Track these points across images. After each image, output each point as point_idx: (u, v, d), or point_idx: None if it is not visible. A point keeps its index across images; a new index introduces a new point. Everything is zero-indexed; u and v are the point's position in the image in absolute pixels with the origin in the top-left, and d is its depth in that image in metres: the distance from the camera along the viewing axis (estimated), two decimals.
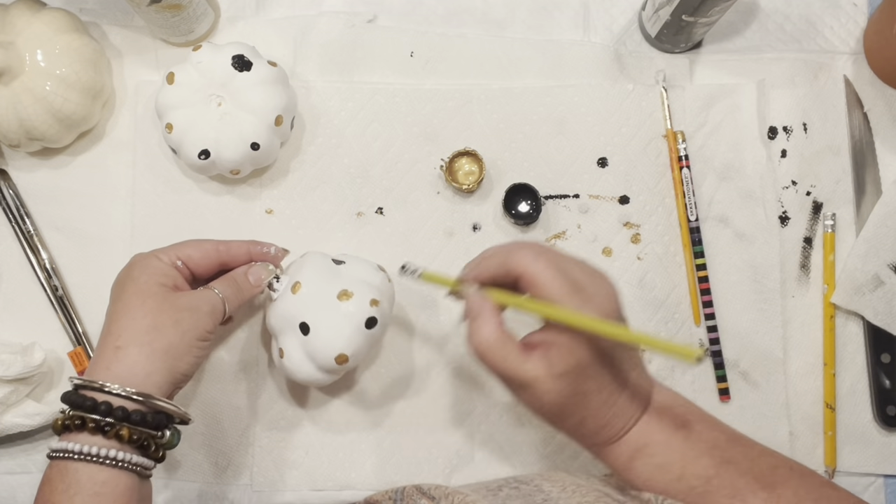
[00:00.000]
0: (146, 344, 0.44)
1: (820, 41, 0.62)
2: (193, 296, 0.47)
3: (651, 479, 0.44)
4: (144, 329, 0.44)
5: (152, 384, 0.44)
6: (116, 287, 0.47)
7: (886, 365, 0.57)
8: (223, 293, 0.48)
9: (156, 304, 0.45)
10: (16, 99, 0.54)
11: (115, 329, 0.44)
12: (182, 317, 0.45)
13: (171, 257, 0.48)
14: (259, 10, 0.62)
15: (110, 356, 0.44)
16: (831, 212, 0.60)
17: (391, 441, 0.57)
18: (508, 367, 0.42)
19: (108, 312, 0.47)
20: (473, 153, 0.58)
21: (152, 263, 0.47)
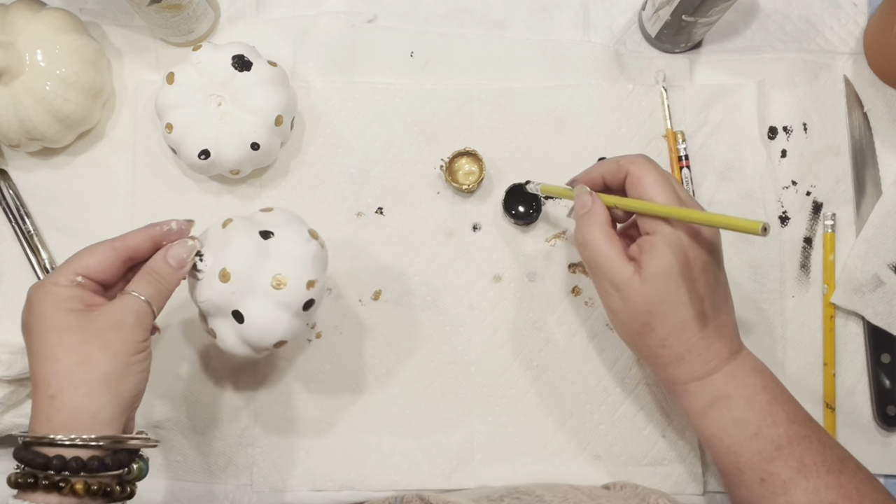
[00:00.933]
0: (80, 383, 0.39)
1: (820, 41, 0.62)
2: (112, 309, 0.42)
3: (724, 431, 0.45)
4: (72, 367, 0.40)
5: (101, 422, 0.40)
6: (25, 331, 0.42)
7: (886, 365, 0.57)
8: (144, 293, 0.43)
9: (75, 337, 0.40)
10: (16, 99, 0.54)
11: (43, 377, 0.40)
12: (108, 338, 0.41)
13: (69, 276, 0.42)
14: (259, 10, 0.62)
15: (47, 408, 0.39)
16: (831, 212, 0.60)
17: (391, 441, 0.57)
18: (608, 263, 0.45)
19: (28, 358, 0.42)
20: (473, 153, 0.58)
21: (51, 292, 0.41)
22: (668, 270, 0.44)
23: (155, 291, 0.43)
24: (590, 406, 0.58)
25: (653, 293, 0.44)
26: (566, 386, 0.58)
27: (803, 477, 0.43)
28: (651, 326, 0.45)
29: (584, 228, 0.46)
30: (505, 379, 0.58)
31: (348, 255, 0.59)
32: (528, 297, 0.59)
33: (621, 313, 0.46)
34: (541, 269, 0.59)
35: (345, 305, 0.58)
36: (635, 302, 0.45)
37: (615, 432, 0.57)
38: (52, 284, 0.42)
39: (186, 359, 0.58)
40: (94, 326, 0.41)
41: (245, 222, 0.46)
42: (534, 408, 0.58)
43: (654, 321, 0.45)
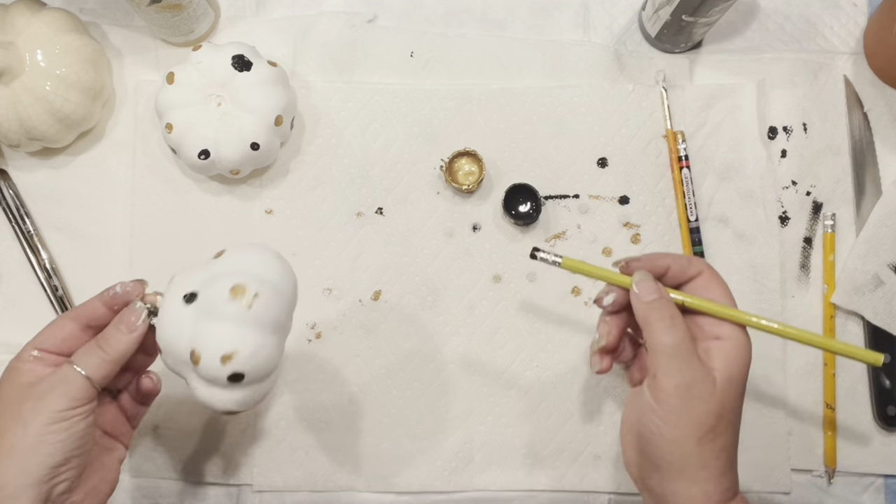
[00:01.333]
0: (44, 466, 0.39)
1: (820, 41, 0.62)
2: (42, 382, 0.41)
3: None
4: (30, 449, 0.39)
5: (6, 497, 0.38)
6: None
7: (886, 365, 0.57)
8: (81, 363, 0.42)
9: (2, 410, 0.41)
10: (16, 99, 0.54)
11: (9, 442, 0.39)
12: (23, 409, 0.40)
13: (28, 351, 0.43)
14: (259, 10, 0.62)
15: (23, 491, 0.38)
16: (831, 212, 0.60)
17: (391, 442, 0.57)
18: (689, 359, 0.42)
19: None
20: (473, 153, 0.58)
21: (12, 367, 0.42)
22: (741, 379, 0.42)
23: (98, 361, 0.42)
24: (590, 407, 0.58)
25: (726, 398, 0.41)
26: (566, 386, 0.58)
27: None
28: (716, 432, 0.41)
29: (664, 317, 0.42)
30: (505, 379, 0.58)
31: (348, 255, 0.59)
32: (528, 297, 0.59)
33: (688, 412, 0.41)
34: (541, 270, 0.59)
35: (345, 305, 0.58)
36: (708, 404, 0.41)
37: (615, 433, 0.57)
38: (15, 360, 0.43)
39: None
40: (18, 400, 0.41)
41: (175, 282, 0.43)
42: (533, 408, 0.58)
43: (719, 427, 0.41)
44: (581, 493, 0.57)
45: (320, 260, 0.59)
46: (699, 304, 0.44)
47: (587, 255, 0.59)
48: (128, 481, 0.58)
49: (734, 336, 0.42)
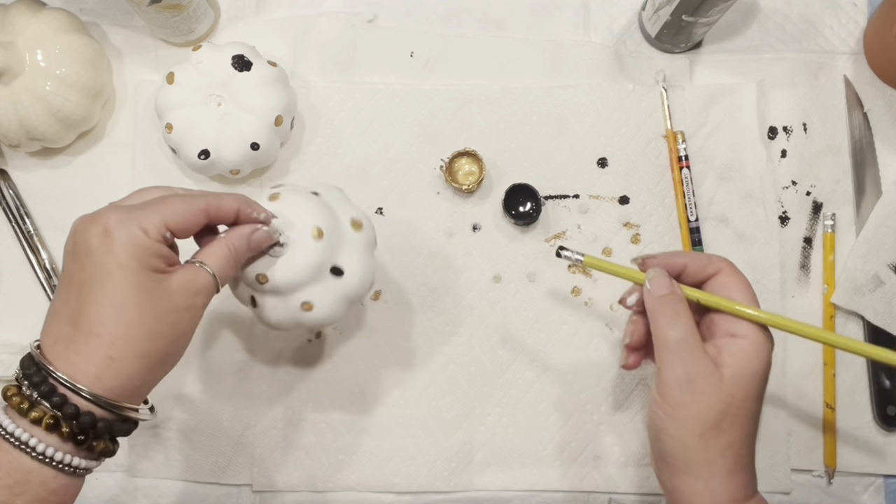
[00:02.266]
0: (143, 356, 0.37)
1: (820, 41, 0.62)
2: (187, 284, 0.39)
3: None
4: (141, 337, 0.37)
5: (139, 396, 0.38)
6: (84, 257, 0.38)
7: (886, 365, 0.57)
8: (216, 268, 0.40)
9: (150, 304, 0.37)
10: (16, 99, 0.54)
11: (105, 329, 0.36)
12: (179, 318, 0.39)
13: (160, 229, 0.38)
14: (259, 10, 0.62)
15: (101, 365, 0.36)
16: (831, 212, 0.60)
17: (390, 442, 0.57)
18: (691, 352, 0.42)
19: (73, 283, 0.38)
20: (473, 153, 0.58)
21: (140, 242, 0.37)
22: (753, 377, 0.42)
23: (226, 268, 0.41)
24: (590, 406, 0.58)
25: (733, 394, 0.41)
26: (566, 386, 0.58)
27: None
28: (721, 428, 0.41)
29: (668, 312, 0.43)
30: (505, 379, 0.58)
31: None
32: (528, 297, 0.59)
33: (689, 406, 0.42)
34: (541, 269, 0.59)
35: None
36: (711, 398, 0.41)
37: (615, 432, 0.57)
38: (141, 232, 0.37)
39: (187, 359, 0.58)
40: (170, 301, 0.38)
41: (292, 188, 0.46)
42: (533, 408, 0.58)
43: (725, 423, 0.41)
44: (581, 493, 0.57)
45: None
46: (714, 300, 0.44)
47: None
48: (128, 481, 0.58)
49: (750, 334, 0.42)
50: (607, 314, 0.59)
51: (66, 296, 0.38)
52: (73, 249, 0.38)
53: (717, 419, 0.41)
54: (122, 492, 0.58)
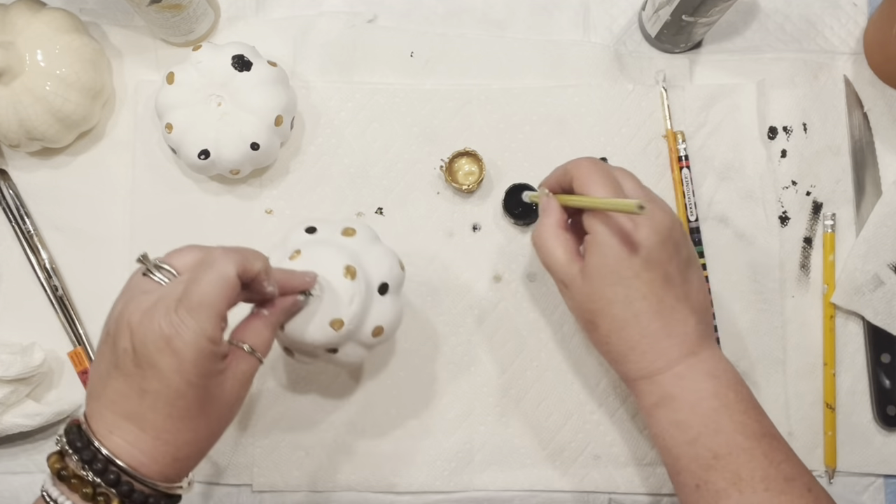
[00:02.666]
0: (203, 451, 0.40)
1: (820, 41, 0.62)
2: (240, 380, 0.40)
3: (666, 432, 0.45)
4: (205, 440, 0.40)
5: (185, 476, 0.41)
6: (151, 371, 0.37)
7: (886, 365, 0.57)
8: (262, 349, 0.42)
9: (212, 410, 0.39)
10: (16, 99, 0.54)
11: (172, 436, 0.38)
12: (232, 413, 0.41)
13: (220, 326, 0.38)
14: (259, 10, 0.62)
15: (167, 465, 0.38)
16: (831, 212, 0.60)
17: (390, 442, 0.57)
18: (553, 262, 0.47)
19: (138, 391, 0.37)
20: (473, 153, 0.58)
21: (206, 352, 0.37)
22: (603, 268, 0.44)
23: (268, 343, 0.43)
24: (590, 406, 0.58)
25: (592, 290, 0.45)
26: (566, 386, 0.58)
27: (737, 490, 0.42)
28: (595, 324, 0.46)
29: (537, 229, 0.48)
30: (505, 379, 0.58)
31: None
32: (528, 297, 0.59)
33: (572, 311, 0.48)
34: (541, 269, 0.59)
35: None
36: (578, 300, 0.46)
37: (615, 432, 0.57)
38: (207, 343, 0.37)
39: None
40: (226, 399, 0.40)
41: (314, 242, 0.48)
42: (533, 408, 0.58)
43: (596, 319, 0.46)
44: (581, 493, 0.57)
45: None
46: (566, 200, 0.47)
47: None
48: None
49: (594, 227, 0.45)
50: None
51: (123, 390, 0.38)
52: (132, 350, 0.37)
53: (589, 317, 0.46)
54: None
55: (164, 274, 0.40)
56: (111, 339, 0.39)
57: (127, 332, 0.37)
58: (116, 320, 0.39)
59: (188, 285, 0.38)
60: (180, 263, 0.41)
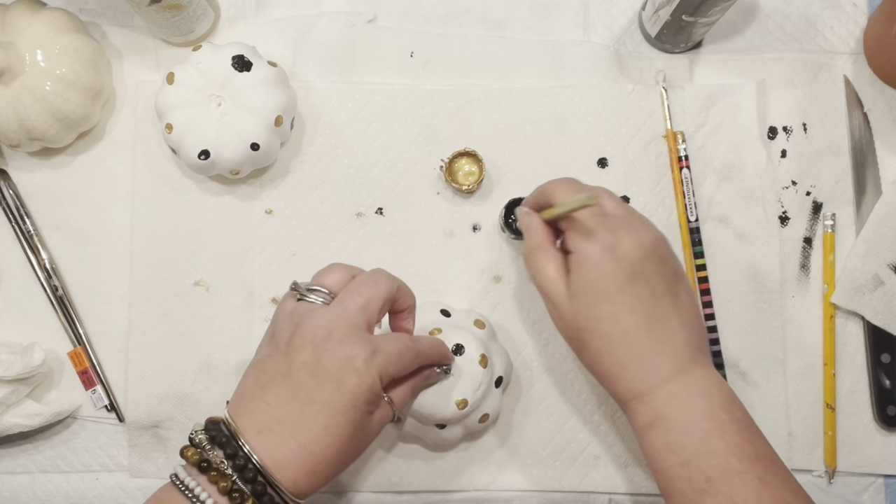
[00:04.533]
0: (333, 475, 0.42)
1: (820, 41, 0.62)
2: (381, 422, 0.44)
3: (658, 453, 0.44)
4: (341, 463, 0.42)
5: None
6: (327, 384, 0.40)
7: (886, 365, 0.57)
8: (399, 409, 0.45)
9: (359, 437, 0.42)
10: (16, 99, 0.54)
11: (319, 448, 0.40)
12: (367, 444, 0.44)
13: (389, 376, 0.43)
14: (259, 10, 0.62)
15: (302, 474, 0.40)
16: (831, 212, 0.60)
17: (390, 443, 0.57)
18: (542, 280, 0.46)
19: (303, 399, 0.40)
20: (473, 154, 0.58)
21: (376, 389, 0.41)
22: (587, 285, 0.44)
23: (405, 405, 0.47)
24: (590, 407, 0.58)
25: (579, 309, 0.44)
26: (566, 386, 0.58)
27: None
28: (584, 343, 0.45)
29: (524, 248, 0.48)
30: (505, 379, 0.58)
31: (348, 255, 0.59)
32: (528, 297, 0.59)
33: (561, 332, 0.47)
34: None
35: None
36: (566, 319, 0.45)
37: (615, 433, 0.57)
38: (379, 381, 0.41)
39: (187, 359, 0.58)
40: (369, 433, 0.43)
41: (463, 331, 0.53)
42: (534, 408, 0.58)
43: (584, 337, 0.45)
44: (581, 493, 0.57)
45: (320, 260, 0.59)
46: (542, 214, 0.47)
47: None
48: (128, 481, 0.58)
49: (576, 246, 0.45)
50: None
51: (285, 396, 0.41)
52: (313, 363, 0.41)
53: (577, 336, 0.45)
54: (122, 492, 0.58)
55: (318, 295, 0.44)
56: (284, 352, 0.42)
57: (310, 348, 0.41)
58: (293, 336, 0.42)
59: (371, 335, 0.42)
60: (331, 282, 0.44)
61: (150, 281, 0.58)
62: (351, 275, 0.45)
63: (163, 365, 0.58)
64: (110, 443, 0.58)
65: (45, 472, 0.58)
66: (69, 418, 0.58)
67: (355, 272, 0.45)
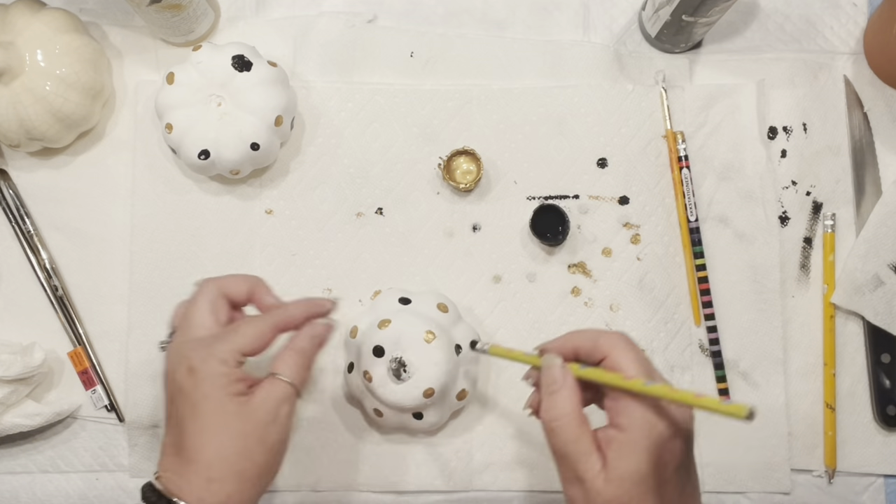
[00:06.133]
0: (239, 474, 0.41)
1: (820, 41, 0.62)
2: (268, 399, 0.42)
3: None
4: (235, 457, 0.41)
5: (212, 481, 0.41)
6: (180, 396, 0.42)
7: (886, 365, 0.57)
8: (293, 377, 0.43)
9: (238, 424, 0.41)
10: (16, 99, 0.54)
11: (201, 455, 0.40)
12: (267, 432, 0.42)
13: (235, 356, 0.42)
14: (259, 10, 0.62)
15: (201, 488, 0.40)
16: (831, 212, 0.60)
17: (391, 442, 0.57)
18: (574, 452, 0.39)
19: (172, 419, 0.42)
20: (472, 152, 0.58)
21: (220, 372, 0.41)
22: (638, 477, 0.38)
23: (299, 372, 0.44)
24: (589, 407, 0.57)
25: (617, 497, 0.38)
26: None
27: None
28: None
29: (554, 409, 0.40)
30: (504, 379, 0.58)
31: (348, 255, 0.59)
32: (528, 297, 0.59)
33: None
34: (541, 270, 0.59)
35: (344, 305, 0.58)
36: (596, 501, 0.38)
37: None
38: (220, 363, 0.42)
39: None
40: (255, 419, 0.42)
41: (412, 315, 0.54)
42: None
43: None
44: None
45: (320, 260, 0.59)
46: (597, 375, 0.41)
47: (587, 255, 0.59)
48: (128, 481, 0.58)
49: (631, 426, 0.38)
50: (607, 314, 0.59)
51: (170, 430, 0.43)
52: (170, 390, 0.43)
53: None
54: (122, 492, 0.58)
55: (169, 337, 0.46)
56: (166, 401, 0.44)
57: (168, 377, 0.43)
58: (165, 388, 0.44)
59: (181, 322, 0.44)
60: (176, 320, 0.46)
61: (150, 281, 0.58)
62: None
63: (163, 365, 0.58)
64: (110, 443, 0.58)
65: (45, 472, 0.58)
66: (69, 418, 0.58)
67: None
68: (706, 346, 0.58)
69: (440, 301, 0.55)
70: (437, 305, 0.54)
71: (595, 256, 0.59)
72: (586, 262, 0.59)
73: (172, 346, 0.44)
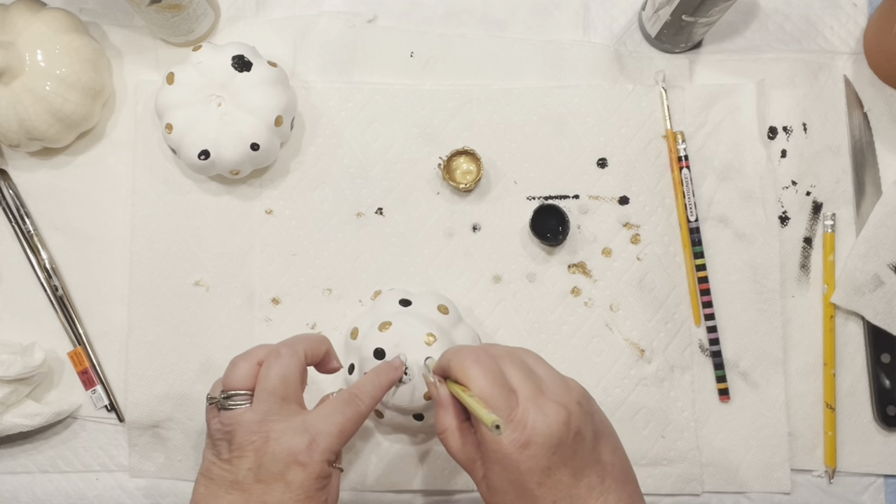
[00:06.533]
0: None
1: (820, 41, 0.62)
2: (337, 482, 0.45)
3: None
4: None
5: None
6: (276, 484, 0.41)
7: (886, 365, 0.57)
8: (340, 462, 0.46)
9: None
10: (16, 99, 0.54)
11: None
12: None
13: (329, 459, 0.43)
14: (259, 10, 0.62)
15: None
16: (831, 212, 0.60)
17: (391, 442, 0.57)
18: (462, 461, 0.44)
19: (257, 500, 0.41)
20: (472, 152, 0.58)
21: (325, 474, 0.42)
22: (502, 485, 0.40)
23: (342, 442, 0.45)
24: None
25: (490, 493, 0.42)
26: None
27: None
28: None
29: (439, 423, 0.45)
30: None
31: (348, 255, 0.59)
32: (528, 297, 0.59)
33: None
34: (541, 270, 0.59)
35: (345, 305, 0.59)
36: (485, 495, 0.43)
37: None
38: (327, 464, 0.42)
39: (188, 359, 0.58)
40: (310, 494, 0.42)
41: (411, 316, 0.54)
42: None
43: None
44: None
45: (320, 260, 0.59)
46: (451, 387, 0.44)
47: (587, 255, 0.59)
48: (128, 481, 0.58)
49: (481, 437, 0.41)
50: (607, 314, 0.59)
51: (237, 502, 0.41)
52: (257, 467, 0.41)
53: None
54: (122, 492, 0.58)
55: (238, 399, 0.43)
56: (227, 460, 0.42)
57: (251, 454, 0.41)
58: (230, 446, 0.42)
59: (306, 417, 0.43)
60: (241, 380, 0.44)
61: (150, 281, 0.58)
62: (257, 361, 0.44)
63: (163, 365, 0.58)
64: (110, 443, 0.58)
65: (45, 472, 0.58)
66: (69, 418, 0.58)
67: (260, 356, 0.45)
68: (706, 346, 0.58)
69: (441, 302, 0.55)
70: (437, 307, 0.54)
71: (595, 256, 0.59)
72: (586, 262, 0.59)
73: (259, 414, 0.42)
